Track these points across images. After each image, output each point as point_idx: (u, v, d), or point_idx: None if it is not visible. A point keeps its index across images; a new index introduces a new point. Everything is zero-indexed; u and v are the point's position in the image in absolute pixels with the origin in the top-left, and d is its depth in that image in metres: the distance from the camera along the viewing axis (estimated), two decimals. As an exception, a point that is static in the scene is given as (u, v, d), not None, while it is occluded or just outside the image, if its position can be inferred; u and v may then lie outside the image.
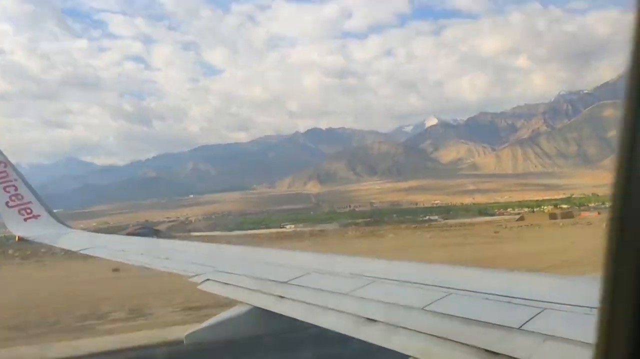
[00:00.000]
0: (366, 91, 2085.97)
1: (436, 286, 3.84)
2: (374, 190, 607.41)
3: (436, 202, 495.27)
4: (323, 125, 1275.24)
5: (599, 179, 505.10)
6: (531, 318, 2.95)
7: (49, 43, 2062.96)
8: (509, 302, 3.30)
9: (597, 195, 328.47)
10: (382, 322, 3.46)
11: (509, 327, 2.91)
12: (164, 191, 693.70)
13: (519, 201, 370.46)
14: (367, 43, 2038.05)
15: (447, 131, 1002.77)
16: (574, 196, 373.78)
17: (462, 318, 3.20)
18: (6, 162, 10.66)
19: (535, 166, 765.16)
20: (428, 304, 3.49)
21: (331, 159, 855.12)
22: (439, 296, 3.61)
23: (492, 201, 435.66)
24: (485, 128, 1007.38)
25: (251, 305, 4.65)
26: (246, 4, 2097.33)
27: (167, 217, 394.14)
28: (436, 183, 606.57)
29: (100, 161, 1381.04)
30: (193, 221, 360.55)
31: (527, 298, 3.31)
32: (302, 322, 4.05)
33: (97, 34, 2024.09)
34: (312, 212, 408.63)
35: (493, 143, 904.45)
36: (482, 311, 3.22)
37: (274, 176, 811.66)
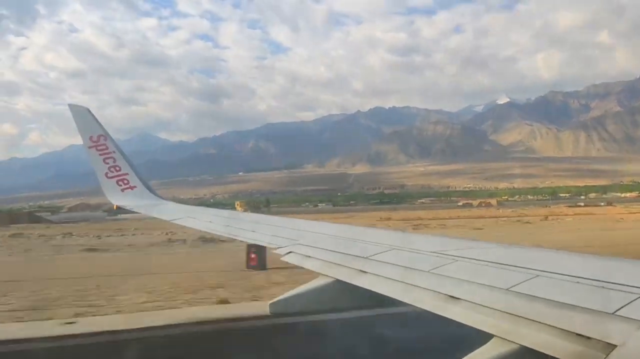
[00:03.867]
0: (433, 69, 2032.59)
1: (522, 267, 3.75)
2: (416, 172, 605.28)
3: (468, 186, 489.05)
4: (390, 104, 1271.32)
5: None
6: (627, 304, 2.80)
7: (118, 22, 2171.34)
8: (602, 287, 3.14)
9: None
10: (465, 300, 3.43)
11: (602, 312, 2.78)
12: (221, 168, 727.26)
13: (557, 187, 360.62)
14: (434, 19, 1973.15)
15: (512, 111, 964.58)
16: (622, 183, 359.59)
17: (551, 300, 3.07)
18: (105, 135, 11.35)
19: (598, 150, 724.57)
20: (514, 286, 3.39)
21: (384, 140, 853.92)
22: (525, 277, 3.50)
23: (530, 186, 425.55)
24: (556, 108, 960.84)
25: (333, 278, 4.75)
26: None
27: (195, 195, 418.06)
28: (481, 166, 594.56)
29: (175, 137, 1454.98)
30: (219, 198, 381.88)
31: (622, 283, 3.13)
32: (384, 296, 4.07)
33: (166, 12, 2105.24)
34: (339, 194, 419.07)
35: (562, 124, 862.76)
36: (572, 295, 3.08)
37: (329, 155, 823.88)
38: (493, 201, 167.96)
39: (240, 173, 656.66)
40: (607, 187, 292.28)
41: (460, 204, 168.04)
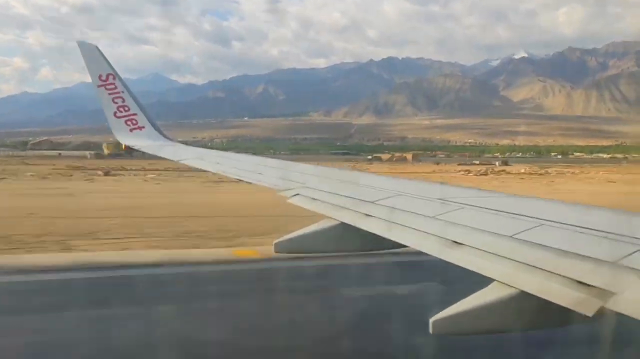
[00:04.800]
0: (450, 19, 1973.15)
1: (527, 216, 3.80)
2: (421, 125, 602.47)
3: (469, 141, 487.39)
4: (404, 54, 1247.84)
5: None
6: (629, 254, 2.85)
7: None
8: (605, 237, 3.20)
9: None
10: (468, 246, 3.46)
11: (603, 260, 2.83)
12: (227, 112, 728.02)
13: (559, 145, 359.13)
14: None
15: (527, 66, 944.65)
16: (623, 144, 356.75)
17: (553, 248, 3.12)
18: (114, 74, 11.22)
19: (609, 110, 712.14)
20: (518, 233, 3.43)
21: (392, 91, 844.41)
22: (530, 225, 3.56)
23: (531, 144, 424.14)
24: (572, 65, 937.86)
25: (338, 221, 4.73)
26: None
27: (194, 137, 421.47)
28: (487, 122, 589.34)
29: (185, 79, 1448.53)
30: (217, 142, 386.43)
31: (625, 234, 3.20)
32: (388, 240, 4.09)
33: None
34: (338, 143, 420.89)
35: (577, 82, 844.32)
36: (575, 244, 3.12)
37: (337, 104, 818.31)
38: (409, 156, 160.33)
39: (246, 118, 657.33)
40: (595, 149, 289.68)
41: (369, 157, 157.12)
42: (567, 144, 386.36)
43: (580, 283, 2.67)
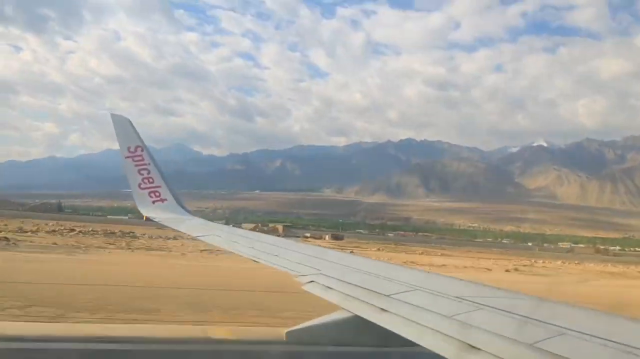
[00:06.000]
0: (470, 105, 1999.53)
1: (549, 323, 3.64)
2: (429, 207, 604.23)
3: (472, 225, 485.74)
4: (423, 137, 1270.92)
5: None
6: None
7: (161, 34, 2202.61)
8: (630, 352, 3.01)
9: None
10: (486, 352, 3.32)
11: None
12: (242, 184, 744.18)
13: (557, 235, 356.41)
14: (475, 56, 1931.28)
15: (544, 154, 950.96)
16: (632, 237, 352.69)
17: None
18: (142, 147, 11.62)
19: (623, 203, 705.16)
20: (538, 341, 3.28)
21: (405, 172, 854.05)
22: (551, 334, 3.40)
23: (536, 232, 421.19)
24: (590, 156, 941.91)
25: (352, 313, 4.73)
26: (351, 9, 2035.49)
27: (198, 207, 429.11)
28: (496, 208, 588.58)
29: (208, 150, 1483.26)
30: (219, 212, 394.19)
31: None
32: (402, 338, 3.98)
33: (209, 29, 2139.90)
34: (340, 220, 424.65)
35: (593, 173, 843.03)
36: (597, 358, 2.98)
37: (351, 182, 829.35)
38: (280, 227, 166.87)
39: (257, 191, 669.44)
40: (592, 241, 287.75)
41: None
42: (572, 234, 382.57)
43: None
